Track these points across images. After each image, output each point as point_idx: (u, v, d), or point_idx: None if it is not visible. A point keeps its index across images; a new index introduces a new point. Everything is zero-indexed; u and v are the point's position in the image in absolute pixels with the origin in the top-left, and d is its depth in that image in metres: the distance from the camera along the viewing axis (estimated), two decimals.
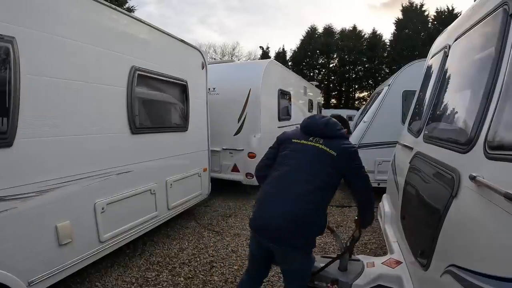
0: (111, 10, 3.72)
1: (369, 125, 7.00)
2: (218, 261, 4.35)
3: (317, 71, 52.73)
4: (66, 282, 3.51)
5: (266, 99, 7.56)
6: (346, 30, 50.47)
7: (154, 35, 4.51)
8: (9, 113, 2.62)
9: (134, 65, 4.03)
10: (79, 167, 3.28)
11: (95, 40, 3.47)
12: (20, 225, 2.75)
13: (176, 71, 4.94)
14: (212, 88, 7.12)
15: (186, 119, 5.36)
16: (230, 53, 51.53)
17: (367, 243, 4.90)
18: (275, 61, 9.06)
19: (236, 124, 7.35)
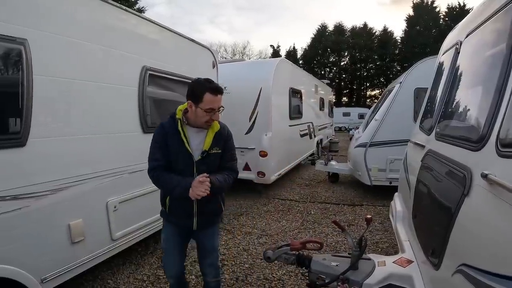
0: (121, 11, 3.78)
1: (381, 123, 6.97)
2: (229, 259, 4.39)
3: (328, 69, 52.74)
4: (78, 279, 3.60)
5: (277, 97, 7.59)
6: (357, 28, 50.47)
7: (165, 35, 4.56)
8: (22, 113, 2.69)
9: (145, 65, 4.09)
10: (92, 166, 3.35)
11: (106, 41, 3.54)
12: (33, 223, 2.82)
13: (187, 71, 4.98)
14: (223, 87, 7.08)
15: None
16: (241, 52, 52.10)
17: (378, 242, 4.88)
18: (286, 60, 9.08)
19: (247, 123, 7.40)
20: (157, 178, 2.36)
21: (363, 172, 7.17)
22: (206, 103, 2.28)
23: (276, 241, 4.96)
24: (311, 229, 5.52)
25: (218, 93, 2.32)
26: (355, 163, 7.53)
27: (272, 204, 7.09)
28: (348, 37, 50.90)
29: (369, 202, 7.01)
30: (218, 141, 2.50)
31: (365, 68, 51.16)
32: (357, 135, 8.29)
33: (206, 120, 2.36)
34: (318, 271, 2.54)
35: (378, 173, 7.02)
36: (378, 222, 5.68)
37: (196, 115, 2.35)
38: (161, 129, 2.43)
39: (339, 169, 8.73)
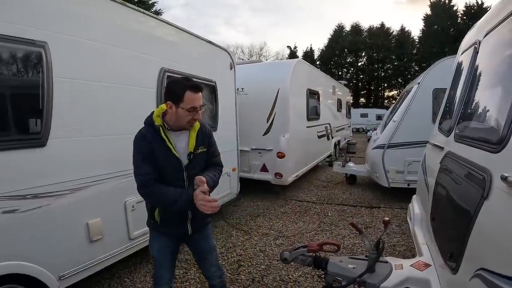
0: (140, 14, 3.83)
1: (399, 124, 6.83)
2: (246, 260, 4.38)
3: (346, 70, 52.32)
4: (95, 277, 3.64)
5: (294, 98, 7.53)
6: (374, 28, 49.84)
7: (182, 37, 4.59)
8: (42, 114, 2.76)
9: (163, 67, 4.12)
10: (111, 166, 3.39)
11: (124, 43, 3.58)
12: (53, 222, 2.87)
13: (205, 72, 5.01)
14: (241, 88, 7.17)
15: (215, 119, 5.42)
16: (258, 53, 51.71)
17: (395, 245, 4.79)
18: (303, 61, 9.01)
19: (265, 124, 7.36)
20: (151, 194, 2.19)
21: (381, 174, 7.05)
22: (187, 102, 2.15)
23: (292, 243, 4.92)
24: (328, 231, 5.46)
25: (198, 90, 2.20)
26: (373, 164, 7.42)
27: (289, 205, 7.03)
28: (365, 37, 50.37)
29: (386, 205, 6.89)
30: (202, 139, 2.41)
31: (383, 69, 50.47)
32: (375, 136, 8.17)
33: (188, 120, 2.23)
34: (334, 273, 2.50)
35: (396, 175, 6.88)
36: (395, 224, 5.58)
37: (178, 116, 2.21)
38: (143, 139, 2.22)
39: (357, 170, 8.62)
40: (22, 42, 2.60)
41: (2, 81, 2.56)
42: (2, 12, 2.49)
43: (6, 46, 2.51)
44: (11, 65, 2.60)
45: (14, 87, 2.67)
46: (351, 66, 52.54)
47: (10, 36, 2.52)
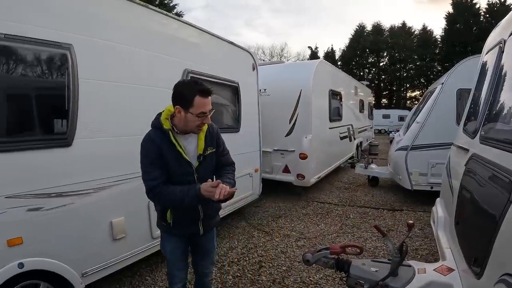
0: (163, 16, 3.84)
1: (422, 126, 6.62)
2: (267, 261, 4.32)
3: (367, 70, 51.40)
4: (117, 275, 3.64)
5: (317, 99, 7.43)
6: (396, 27, 48.65)
7: (205, 38, 4.57)
8: (68, 115, 2.80)
9: (186, 68, 4.12)
10: (134, 166, 3.35)
11: (147, 45, 3.60)
12: (77, 220, 2.90)
13: (227, 73, 4.98)
14: (263, 89, 7.12)
15: (238, 120, 5.40)
16: (279, 54, 51.60)
17: (418, 249, 4.65)
18: (325, 61, 8.92)
19: (287, 125, 7.27)
20: (158, 195, 2.13)
21: (404, 176, 6.86)
22: (197, 107, 2.06)
23: (314, 245, 4.84)
24: (350, 233, 5.35)
25: (208, 94, 2.10)
26: (396, 166, 7.23)
27: (311, 207, 6.93)
28: (386, 37, 49.25)
29: (409, 208, 6.70)
30: (211, 140, 2.36)
31: (405, 69, 49.18)
32: (398, 138, 7.98)
33: (197, 125, 2.15)
34: (357, 276, 2.45)
35: (419, 177, 6.69)
36: (418, 228, 5.40)
37: (187, 121, 2.12)
38: (152, 144, 2.15)
39: (379, 172, 8.42)
40: (48, 44, 2.64)
41: (29, 83, 2.61)
42: (29, 16, 2.53)
43: (33, 49, 2.56)
44: (38, 67, 2.64)
45: (40, 88, 2.72)
46: (372, 66, 51.58)
47: (37, 38, 2.56)
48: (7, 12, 2.40)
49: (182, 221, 2.33)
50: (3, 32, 2.36)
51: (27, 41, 2.50)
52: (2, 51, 2.37)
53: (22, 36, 2.47)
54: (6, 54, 2.42)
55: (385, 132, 32.10)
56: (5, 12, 2.39)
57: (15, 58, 2.49)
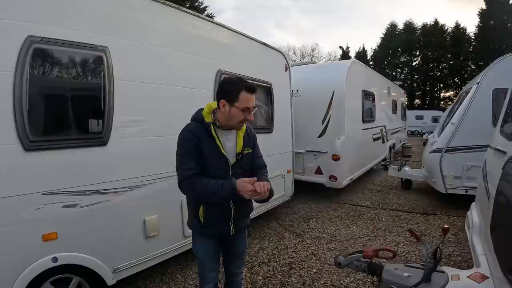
0: (196, 18, 3.84)
1: (457, 127, 6.25)
2: (297, 263, 4.22)
3: (400, 70, 49.63)
4: (148, 272, 3.62)
5: (350, 100, 7.24)
6: (428, 25, 46.63)
7: (237, 39, 4.55)
8: (104, 115, 2.83)
9: (220, 69, 4.09)
10: (168, 165, 3.35)
11: (181, 46, 3.60)
12: (111, 217, 2.93)
13: (260, 74, 4.92)
14: (295, 90, 6.99)
15: (271, 121, 5.32)
16: (310, 55, 50.86)
17: (451, 255, 4.41)
18: (358, 61, 8.71)
19: (320, 126, 7.12)
20: (192, 185, 2.08)
21: (438, 179, 6.53)
22: (242, 102, 2.09)
23: (345, 247, 4.70)
24: (382, 237, 5.15)
25: (253, 91, 2.15)
26: (430, 169, 6.92)
27: (342, 209, 6.75)
28: (418, 35, 47.35)
29: (442, 212, 6.38)
30: (248, 141, 2.36)
31: (438, 68, 47.21)
32: (432, 139, 7.65)
33: (240, 120, 2.16)
34: (389, 280, 2.35)
35: (454, 180, 6.33)
36: (451, 233, 5.10)
37: (230, 115, 2.14)
38: (191, 135, 2.15)
39: (413, 175, 8.10)
40: (84, 47, 2.68)
41: (67, 84, 2.68)
42: (65, 19, 2.58)
43: (70, 51, 2.61)
44: (74, 68, 2.69)
45: (77, 89, 2.79)
46: (405, 65, 49.69)
47: (73, 41, 2.60)
48: (44, 16, 2.46)
49: (214, 219, 2.28)
50: (40, 35, 2.41)
51: (64, 44, 2.55)
52: (39, 53, 2.43)
53: (59, 39, 2.52)
54: (43, 57, 2.47)
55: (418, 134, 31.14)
56: (42, 16, 2.44)
57: (52, 61, 2.55)
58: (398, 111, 14.08)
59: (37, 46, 2.39)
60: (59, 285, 2.64)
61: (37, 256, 2.44)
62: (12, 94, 2.27)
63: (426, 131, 26.21)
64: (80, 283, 2.77)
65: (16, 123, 2.29)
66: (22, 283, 2.35)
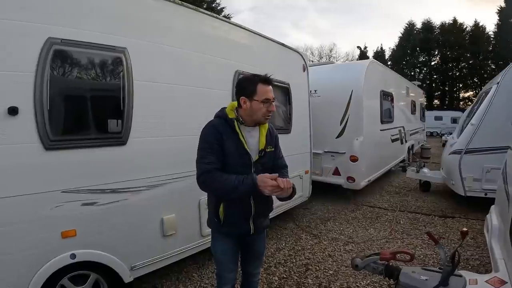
0: (213, 19, 3.84)
1: (477, 128, 6.04)
2: (314, 264, 4.16)
3: (418, 70, 48.09)
4: (164, 270, 3.63)
5: (368, 100, 7.10)
6: (446, 24, 45.14)
7: (255, 40, 4.52)
8: (123, 115, 2.84)
9: (237, 70, 4.07)
10: (186, 165, 3.34)
11: (199, 47, 3.59)
12: (129, 215, 2.94)
13: (278, 74, 4.84)
14: (313, 90, 6.87)
15: (289, 122, 5.27)
16: (328, 55, 50.02)
17: (469, 259, 4.26)
18: (376, 61, 8.56)
19: (338, 127, 7.00)
20: (211, 180, 2.05)
21: (457, 182, 6.31)
22: (260, 94, 2.12)
23: (362, 250, 4.61)
24: (399, 239, 5.03)
25: (269, 83, 2.18)
26: (449, 171, 6.71)
27: (360, 210, 6.64)
28: (437, 34, 45.90)
29: (461, 215, 6.18)
30: (270, 139, 2.35)
31: (457, 68, 45.68)
32: (451, 141, 7.42)
33: (263, 113, 2.17)
34: (406, 284, 2.29)
35: (473, 183, 6.11)
36: (470, 237, 4.92)
37: (252, 110, 2.16)
38: (215, 130, 2.14)
39: (432, 177, 7.88)
40: (103, 48, 2.70)
41: (86, 85, 2.71)
42: (84, 21, 2.60)
43: (89, 52, 2.63)
44: (94, 69, 2.72)
45: (97, 90, 2.82)
46: (423, 65, 48.17)
47: (92, 43, 2.62)
48: (63, 18, 2.48)
49: (234, 217, 2.25)
50: (60, 37, 2.44)
51: (83, 45, 2.58)
52: (59, 55, 2.46)
53: (78, 40, 2.54)
54: (63, 58, 2.50)
55: (437, 135, 30.40)
56: (62, 18, 2.47)
57: (72, 62, 2.57)
58: (417, 112, 13.78)
59: (57, 48, 2.42)
60: (77, 281, 2.67)
61: (56, 253, 2.47)
62: (33, 94, 2.30)
63: (445, 132, 25.58)
64: (97, 280, 2.79)
65: (37, 123, 2.32)
66: (40, 278, 2.39)
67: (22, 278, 2.33)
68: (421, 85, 24.46)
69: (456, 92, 47.83)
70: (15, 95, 2.24)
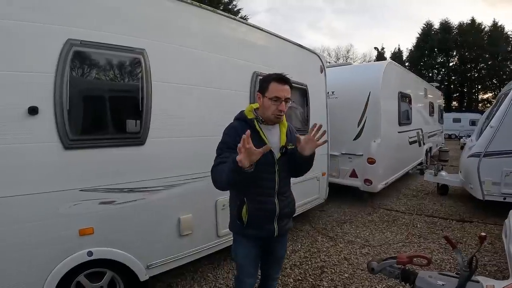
0: (231, 20, 3.80)
1: (497, 131, 5.80)
2: (329, 267, 4.07)
3: (436, 71, 46.63)
4: (179, 269, 3.60)
5: (386, 102, 6.91)
6: (464, 24, 43.84)
7: (273, 41, 4.45)
8: (142, 116, 2.83)
9: (255, 71, 4.01)
10: (204, 166, 3.30)
11: (217, 49, 3.55)
12: (147, 215, 2.93)
13: (296, 76, 4.75)
14: (331, 92, 6.72)
15: (307, 123, 5.17)
16: (345, 56, 48.90)
17: (486, 264, 4.10)
18: (394, 62, 8.33)
19: (355, 129, 6.87)
20: (215, 169, 2.08)
21: (475, 185, 6.06)
22: (271, 91, 2.13)
23: (378, 253, 4.49)
24: (416, 243, 4.89)
25: (283, 81, 2.16)
26: (467, 174, 6.45)
27: (377, 213, 6.48)
28: (455, 35, 44.49)
29: (479, 219, 5.96)
30: (291, 137, 2.34)
31: (476, 69, 44.22)
32: (470, 143, 7.16)
33: (272, 111, 2.16)
34: None
35: (492, 186, 5.85)
36: (488, 242, 4.73)
37: (264, 107, 2.19)
38: (234, 130, 2.16)
39: (450, 180, 7.62)
40: (122, 49, 2.70)
41: (106, 85, 2.72)
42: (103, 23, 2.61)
43: (108, 54, 2.63)
44: (113, 71, 2.72)
45: (116, 90, 2.82)
46: (442, 66, 46.73)
47: (111, 44, 2.63)
48: (83, 20, 2.49)
49: (259, 218, 2.21)
50: (80, 38, 2.45)
51: (102, 47, 2.58)
52: (79, 56, 2.47)
53: (97, 42, 2.55)
54: (83, 59, 2.51)
55: (455, 137, 29.65)
56: (81, 20, 2.48)
57: (91, 63, 2.58)
58: (435, 114, 13.44)
59: (76, 49, 2.43)
60: (93, 278, 2.68)
61: (74, 250, 2.49)
62: (53, 94, 2.31)
63: (463, 134, 24.97)
64: (113, 278, 2.80)
65: (57, 123, 2.34)
66: (58, 273, 2.41)
67: (40, 273, 2.35)
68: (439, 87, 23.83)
69: (474, 94, 46.44)
70: (35, 95, 2.25)
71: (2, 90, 2.13)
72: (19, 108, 2.19)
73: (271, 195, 2.21)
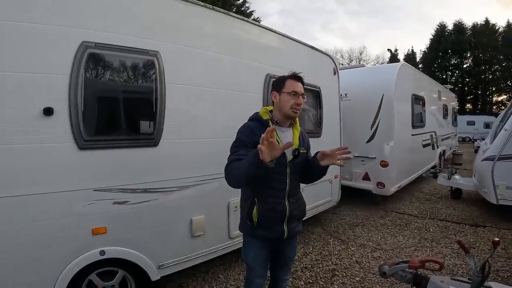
0: (244, 23, 3.78)
1: (511, 134, 5.65)
2: (341, 270, 4.00)
3: (450, 73, 45.55)
4: (190, 270, 3.59)
5: (399, 104, 6.79)
6: (478, 25, 42.74)
7: (286, 43, 4.41)
8: (155, 117, 2.83)
9: (268, 73, 3.98)
10: (216, 167, 3.28)
11: (230, 51, 3.53)
12: (159, 215, 2.92)
13: (309, 78, 4.68)
14: (344, 94, 6.62)
15: (320, 125, 5.12)
16: (358, 58, 48.16)
17: (499, 270, 3.97)
18: (408, 64, 8.17)
19: (368, 131, 6.76)
20: (230, 166, 2.02)
21: (489, 189, 5.90)
22: (288, 87, 2.17)
23: (390, 257, 4.40)
24: (428, 247, 4.78)
25: (299, 79, 2.21)
26: (481, 178, 6.29)
27: (389, 217, 6.36)
28: (469, 36, 43.61)
29: (493, 224, 5.77)
30: (303, 141, 2.35)
31: (490, 71, 43.38)
32: (484, 146, 6.96)
33: (291, 105, 2.16)
34: None
35: (506, 191, 5.66)
36: (501, 247, 4.58)
37: (281, 103, 2.20)
38: (249, 130, 2.17)
39: (463, 184, 7.44)
40: (136, 51, 2.70)
41: (120, 87, 2.72)
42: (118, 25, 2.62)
43: (122, 56, 2.64)
44: (127, 72, 2.72)
45: (130, 92, 2.81)
46: (455, 68, 45.66)
47: (125, 46, 2.63)
48: (97, 22, 2.50)
49: (269, 219, 2.20)
50: (95, 41, 2.46)
51: (116, 49, 2.59)
52: (93, 58, 2.48)
53: (112, 44, 2.56)
54: (97, 61, 2.52)
55: (469, 140, 29.01)
56: (96, 22, 2.49)
57: (105, 65, 2.59)
58: (449, 116, 13.15)
59: (91, 51, 2.44)
60: (104, 277, 2.69)
61: (86, 249, 2.49)
62: (68, 96, 2.32)
63: (477, 137, 24.41)
64: (124, 277, 2.79)
65: (71, 123, 2.34)
66: (70, 271, 2.42)
67: (53, 270, 2.36)
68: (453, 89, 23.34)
69: (489, 96, 45.33)
70: (50, 96, 2.26)
71: (18, 91, 2.14)
72: (35, 109, 2.20)
73: (281, 196, 2.20)
